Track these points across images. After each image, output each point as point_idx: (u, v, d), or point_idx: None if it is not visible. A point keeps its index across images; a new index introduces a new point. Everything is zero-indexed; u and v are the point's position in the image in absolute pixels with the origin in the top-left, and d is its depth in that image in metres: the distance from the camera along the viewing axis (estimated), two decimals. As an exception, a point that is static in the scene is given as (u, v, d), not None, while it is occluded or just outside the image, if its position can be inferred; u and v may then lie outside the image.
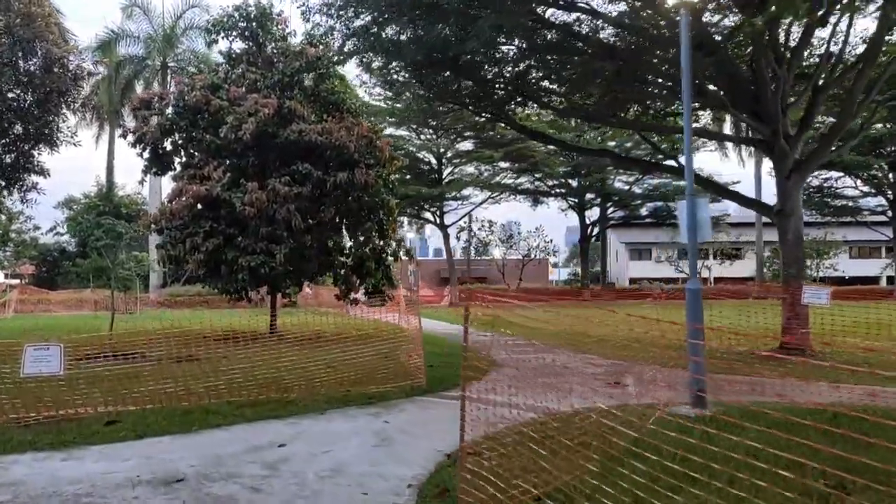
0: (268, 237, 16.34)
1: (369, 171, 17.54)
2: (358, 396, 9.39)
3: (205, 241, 15.95)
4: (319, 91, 19.06)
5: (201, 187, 15.98)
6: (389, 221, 18.74)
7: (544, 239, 54.28)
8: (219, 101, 17.22)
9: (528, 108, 16.73)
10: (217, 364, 10.34)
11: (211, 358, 10.76)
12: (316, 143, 16.93)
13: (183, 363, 10.24)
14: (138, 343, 12.31)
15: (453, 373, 11.30)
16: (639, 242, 70.99)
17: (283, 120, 17.56)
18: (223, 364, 10.38)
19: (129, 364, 10.33)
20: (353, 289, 17.64)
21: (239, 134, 16.45)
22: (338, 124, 17.62)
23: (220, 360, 10.64)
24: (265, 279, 16.51)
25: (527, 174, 47.27)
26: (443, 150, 45.27)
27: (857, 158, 42.81)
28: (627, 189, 50.66)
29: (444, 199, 46.63)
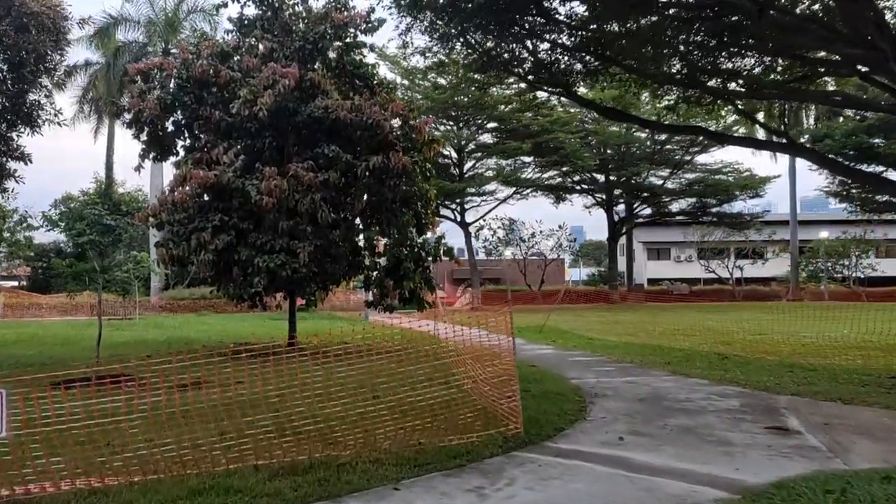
0: (289, 233, 13.60)
1: (405, 156, 14.82)
2: (436, 453, 6.59)
3: (213, 238, 13.21)
4: (345, 63, 16.29)
5: (209, 173, 13.23)
6: (428, 214, 15.99)
7: (567, 237, 51.36)
8: (229, 72, 14.51)
9: (599, 78, 13.87)
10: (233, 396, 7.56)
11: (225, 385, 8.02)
12: (345, 121, 14.21)
13: (188, 391, 7.48)
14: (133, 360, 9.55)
15: (537, 404, 8.53)
16: (658, 242, 68.15)
17: (304, 95, 14.84)
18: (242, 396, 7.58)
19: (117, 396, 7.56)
20: (388, 294, 14.88)
21: (254, 110, 13.74)
22: (368, 101, 14.88)
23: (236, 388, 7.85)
24: (286, 283, 13.76)
25: (554, 168, 44.40)
26: (464, 142, 42.44)
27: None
28: (661, 184, 47.77)
29: (466, 195, 43.82)
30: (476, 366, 9.24)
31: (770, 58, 13.59)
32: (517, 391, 7.37)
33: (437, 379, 8.68)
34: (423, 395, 7.60)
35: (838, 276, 54.26)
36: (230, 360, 13.70)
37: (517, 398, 7.31)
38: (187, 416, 6.89)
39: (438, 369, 9.15)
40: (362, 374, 7.98)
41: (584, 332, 20.26)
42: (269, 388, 7.56)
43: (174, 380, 8.55)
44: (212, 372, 11.24)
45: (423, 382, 7.99)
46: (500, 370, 8.20)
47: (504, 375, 7.81)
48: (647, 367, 12.45)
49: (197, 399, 7.33)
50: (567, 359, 14.00)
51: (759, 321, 23.99)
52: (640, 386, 10.24)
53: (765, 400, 9.03)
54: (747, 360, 13.03)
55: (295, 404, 7.36)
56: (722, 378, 10.75)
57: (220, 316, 28.27)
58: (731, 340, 16.64)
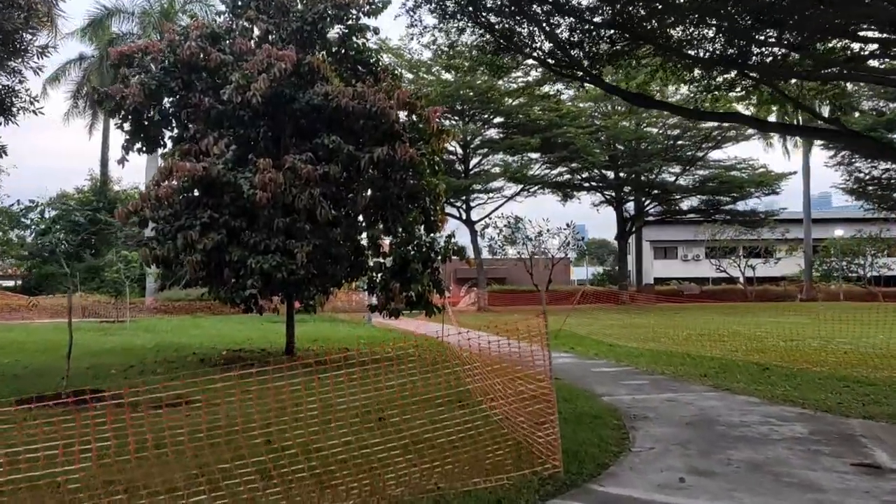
0: (285, 231, 12.37)
1: (412, 146, 13.60)
2: (459, 502, 5.34)
3: (202, 237, 11.97)
4: (347, 48, 15.06)
5: (197, 165, 11.98)
6: (437, 211, 14.75)
7: (574, 236, 49.96)
8: (220, 55, 13.29)
9: (625, 60, 12.59)
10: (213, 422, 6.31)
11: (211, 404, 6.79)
12: (347, 109, 12.99)
13: (163, 412, 6.23)
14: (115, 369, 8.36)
15: (572, 431, 7.26)
16: (665, 240, 66.89)
17: (302, 80, 13.61)
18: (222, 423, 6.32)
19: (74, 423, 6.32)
20: (394, 298, 13.62)
21: (247, 96, 12.54)
22: (372, 87, 13.64)
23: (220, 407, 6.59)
24: (281, 286, 12.51)
25: (562, 164, 43.07)
26: (469, 137, 41.13)
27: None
28: (674, 181, 46.42)
29: (471, 192, 42.52)
30: (499, 382, 7.99)
31: (818, 35, 12.33)
32: (555, 420, 6.10)
33: (455, 399, 7.47)
34: (439, 419, 6.36)
35: (853, 275, 52.93)
36: (220, 370, 12.47)
37: (555, 429, 6.04)
38: (154, 448, 5.63)
39: (455, 386, 7.90)
40: (366, 392, 6.71)
41: (603, 337, 19.00)
42: (254, 412, 6.31)
43: (148, 400, 7.36)
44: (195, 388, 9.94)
45: (438, 403, 6.75)
46: (530, 391, 6.93)
47: (537, 397, 6.54)
48: (683, 379, 11.19)
49: (171, 426, 6.06)
50: (591, 369, 12.75)
51: (783, 325, 22.77)
52: (683, 405, 8.98)
53: (834, 425, 7.77)
54: (791, 371, 11.76)
55: (285, 436, 6.12)
56: (773, 395, 9.48)
57: (217, 318, 27.07)
58: (763, 347, 15.38)
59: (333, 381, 6.54)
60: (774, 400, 9.21)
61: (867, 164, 44.93)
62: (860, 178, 46.32)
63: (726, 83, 14.38)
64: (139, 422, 5.91)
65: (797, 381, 10.62)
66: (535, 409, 6.59)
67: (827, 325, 19.04)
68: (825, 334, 17.41)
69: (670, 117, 42.64)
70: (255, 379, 6.81)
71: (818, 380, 10.76)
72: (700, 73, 14.33)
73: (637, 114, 43.27)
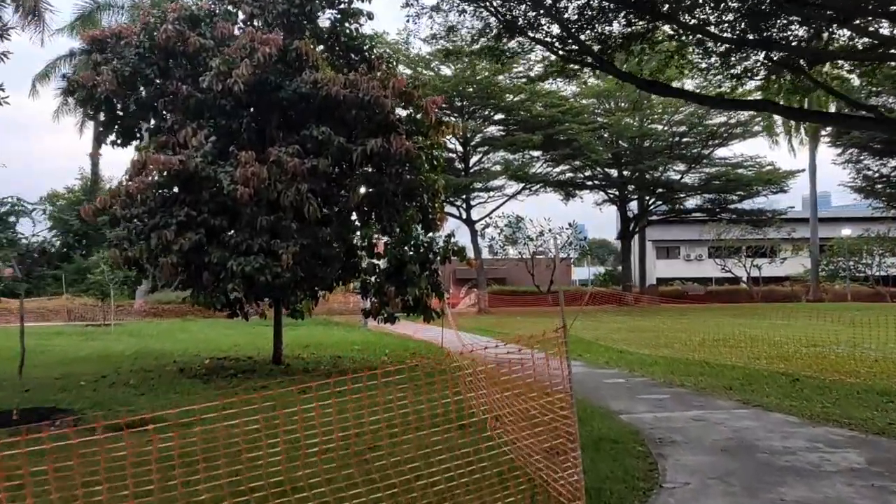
0: (270, 230, 11.33)
1: (409, 140, 12.60)
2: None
3: (178, 237, 10.94)
4: (339, 34, 14.04)
5: (172, 158, 10.94)
6: (436, 209, 13.73)
7: (577, 236, 49.07)
8: (200, 40, 12.25)
9: (638, 44, 11.56)
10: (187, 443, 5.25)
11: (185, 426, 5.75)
12: (337, 98, 11.96)
13: (122, 437, 5.19)
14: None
15: (592, 462, 6.23)
16: (667, 240, 65.87)
17: (289, 67, 12.60)
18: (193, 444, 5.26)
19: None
20: (389, 302, 12.60)
21: (228, 84, 11.51)
22: (366, 76, 12.61)
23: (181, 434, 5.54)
24: (266, 289, 11.48)
25: (565, 162, 42.01)
26: (470, 134, 40.09)
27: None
28: (679, 179, 45.37)
29: (472, 191, 41.47)
30: (506, 400, 6.92)
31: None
32: (578, 459, 5.07)
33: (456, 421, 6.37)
34: (438, 449, 5.32)
35: (860, 275, 51.91)
36: (201, 382, 11.39)
37: (578, 468, 5.01)
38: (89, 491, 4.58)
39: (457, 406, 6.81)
40: (356, 411, 5.64)
41: (611, 342, 17.95)
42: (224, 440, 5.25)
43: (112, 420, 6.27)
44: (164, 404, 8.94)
45: (436, 425, 5.70)
46: (545, 412, 5.88)
47: (554, 422, 5.48)
48: (707, 393, 10.15)
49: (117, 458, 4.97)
50: (603, 380, 11.71)
51: (798, 328, 21.72)
52: (713, 425, 7.94)
53: (893, 450, 6.73)
54: (824, 383, 10.72)
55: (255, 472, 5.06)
56: (813, 414, 8.44)
57: (207, 322, 26.01)
58: (786, 354, 14.33)
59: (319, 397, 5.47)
60: (815, 419, 8.17)
61: (876, 161, 43.96)
62: (869, 175, 45.34)
63: (746, 71, 13.35)
64: (90, 449, 4.84)
65: (834, 396, 9.58)
66: (550, 434, 5.55)
67: (845, 329, 18.02)
68: (846, 339, 16.36)
69: (675, 113, 41.60)
70: (235, 394, 5.78)
71: (857, 394, 9.72)
72: (718, 59, 13.32)
73: (641, 110, 42.26)
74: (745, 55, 13.00)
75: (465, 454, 5.36)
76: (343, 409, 5.23)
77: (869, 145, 41.10)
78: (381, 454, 5.55)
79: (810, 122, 30.52)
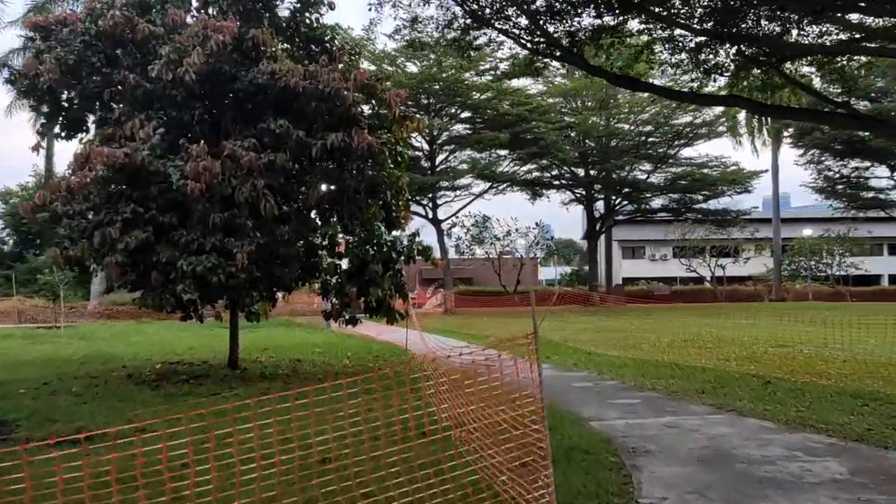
0: (223, 228, 10.74)
1: (372, 134, 12.13)
2: None
3: (124, 235, 10.30)
4: (299, 24, 13.47)
5: (117, 151, 10.30)
6: (400, 207, 13.25)
7: (543, 236, 48.91)
8: (149, 27, 11.58)
9: (608, 38, 11.21)
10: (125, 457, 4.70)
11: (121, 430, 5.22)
12: (296, 90, 11.41)
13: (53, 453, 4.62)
14: None
15: (562, 475, 5.82)
16: (632, 240, 66.24)
17: (245, 57, 12.02)
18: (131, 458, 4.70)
19: None
20: (350, 303, 12.09)
21: (179, 73, 10.91)
22: (327, 67, 12.08)
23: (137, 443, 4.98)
24: (219, 290, 10.89)
25: (532, 161, 41.71)
26: (436, 132, 39.58)
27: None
28: (645, 178, 45.40)
29: (438, 190, 40.97)
30: (472, 406, 6.46)
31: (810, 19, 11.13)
32: (550, 474, 4.63)
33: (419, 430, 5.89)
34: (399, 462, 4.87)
35: (821, 274, 52.62)
36: (149, 389, 10.75)
37: (551, 490, 4.57)
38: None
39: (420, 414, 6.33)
40: (303, 422, 5.14)
41: (579, 343, 17.63)
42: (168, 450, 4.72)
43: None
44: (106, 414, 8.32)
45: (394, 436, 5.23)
46: (512, 420, 5.44)
47: (525, 435, 5.04)
48: (679, 397, 9.82)
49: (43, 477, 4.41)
50: (572, 384, 11.33)
51: (763, 328, 21.66)
52: (688, 433, 7.59)
53: (874, 460, 6.43)
54: (796, 385, 10.47)
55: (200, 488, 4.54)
56: (788, 419, 8.14)
57: (163, 324, 25.08)
58: (755, 355, 14.14)
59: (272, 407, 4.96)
60: (791, 425, 7.87)
61: (837, 162, 44.53)
62: (829, 176, 45.92)
63: (716, 67, 13.10)
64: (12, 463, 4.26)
65: (807, 399, 9.33)
66: (519, 447, 5.11)
67: (810, 329, 17.98)
68: (812, 339, 16.28)
69: (642, 113, 41.63)
70: (184, 402, 5.23)
71: (830, 396, 9.48)
72: (687, 56, 13.05)
73: (608, 109, 42.19)
74: (715, 51, 12.75)
75: (426, 470, 4.91)
76: (291, 422, 4.74)
77: (830, 146, 41.60)
78: (329, 469, 5.08)
79: (781, 117, 30.55)
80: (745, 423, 8.05)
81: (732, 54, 12.56)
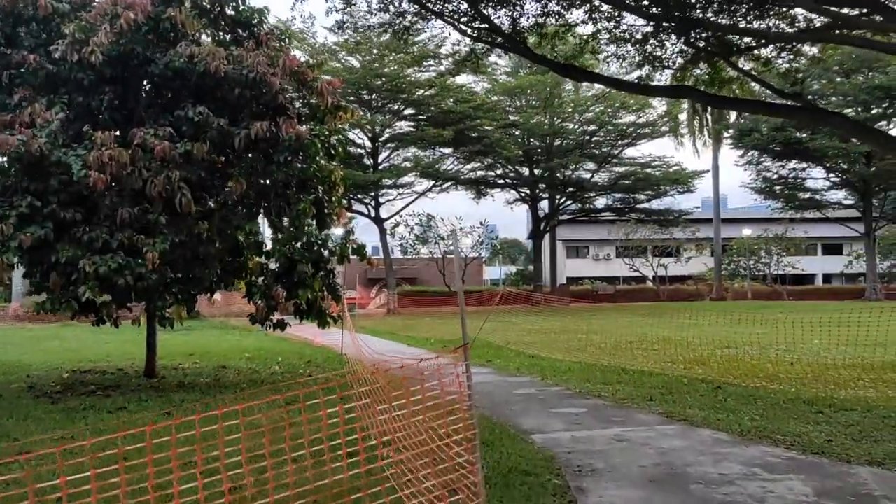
0: (132, 225, 9.75)
1: (302, 125, 11.31)
2: None
3: (18, 231, 9.22)
4: (223, 5, 12.49)
5: (11, 138, 9.22)
6: (333, 203, 12.41)
7: (488, 235, 48.47)
8: (53, 3, 10.52)
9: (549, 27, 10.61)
10: None
11: None
12: (218, 75, 10.50)
13: None
14: None
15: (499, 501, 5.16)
16: (576, 240, 66.51)
17: (162, 39, 11.03)
18: None
19: None
20: (278, 306, 11.22)
21: (85, 53, 9.90)
22: (253, 52, 11.20)
23: None
24: (127, 293, 9.89)
25: (476, 159, 41.12)
26: (378, 128, 38.62)
27: (836, 144, 38.77)
28: (590, 178, 45.30)
29: (381, 188, 40.04)
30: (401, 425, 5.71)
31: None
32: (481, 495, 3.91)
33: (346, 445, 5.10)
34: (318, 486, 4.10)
35: (759, 273, 53.53)
36: (48, 402, 9.67)
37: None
38: None
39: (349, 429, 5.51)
40: (208, 441, 4.34)
41: (522, 346, 17.03)
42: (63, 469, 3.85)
43: None
44: None
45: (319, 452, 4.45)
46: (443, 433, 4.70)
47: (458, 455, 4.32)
48: (627, 405, 9.25)
49: None
50: (514, 391, 10.69)
51: (706, 328, 21.45)
52: (637, 447, 6.99)
53: (839, 477, 5.92)
54: (747, 391, 10.04)
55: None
56: (743, 429, 7.62)
57: (88, 328, 23.53)
58: (701, 358, 13.74)
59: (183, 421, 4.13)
60: (747, 436, 7.35)
61: (775, 163, 45.23)
62: (768, 177, 46.63)
63: (662, 60, 12.66)
64: None
65: (760, 406, 8.87)
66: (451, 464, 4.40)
67: (753, 328, 17.76)
68: (757, 339, 16.04)
69: (586, 112, 41.50)
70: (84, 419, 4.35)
71: (783, 403, 9.05)
72: (633, 48, 12.58)
73: (552, 108, 41.92)
74: (661, 43, 12.30)
75: (344, 496, 4.16)
76: (198, 441, 3.95)
77: (769, 147, 42.17)
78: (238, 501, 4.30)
79: (732, 109, 30.60)
80: (697, 434, 7.50)
81: (681, 46, 12.12)
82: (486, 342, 17.64)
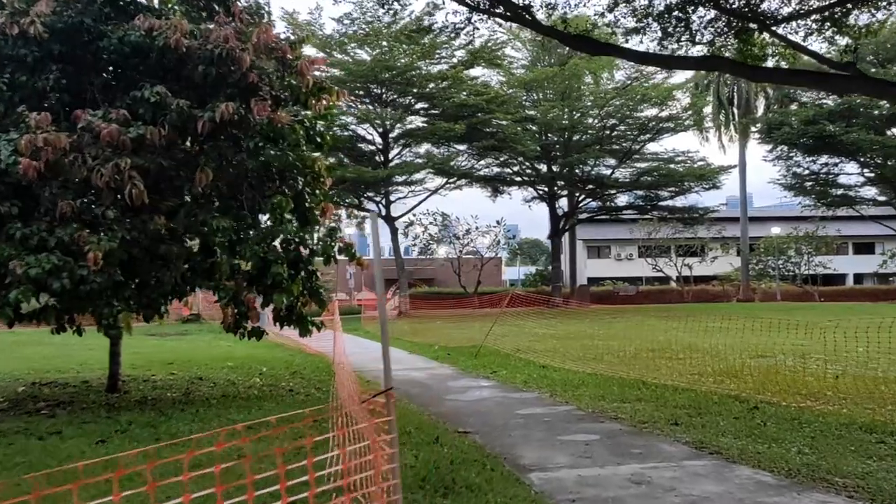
0: (76, 219, 8.49)
1: (282, 108, 10.05)
2: None
3: (-61, 227, 8.01)
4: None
5: (-69, 120, 8.02)
6: (316, 196, 11.08)
7: (505, 234, 46.95)
8: (-9, -30, 9.28)
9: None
10: None
11: None
12: (180, 51, 9.24)
13: None
14: None
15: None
16: (597, 239, 64.72)
17: (118, 10, 9.80)
18: None
19: None
20: (248, 313, 9.92)
21: (24, 25, 8.68)
22: (221, 26, 9.93)
23: None
24: (66, 298, 8.63)
25: (490, 154, 39.56)
26: (388, 123, 37.23)
27: (870, 137, 36.81)
28: (610, 174, 43.61)
29: (392, 185, 38.68)
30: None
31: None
32: None
33: None
34: None
35: (789, 274, 51.48)
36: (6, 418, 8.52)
37: None
38: None
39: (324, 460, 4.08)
40: None
41: (533, 354, 15.59)
42: None
43: None
44: None
45: None
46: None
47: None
48: (647, 431, 7.80)
49: None
50: (517, 411, 9.26)
51: (736, 333, 19.83)
52: (660, 492, 5.55)
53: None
54: (789, 412, 8.54)
55: None
56: (791, 466, 6.15)
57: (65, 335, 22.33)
58: (732, 368, 12.23)
59: None
60: (796, 476, 5.88)
61: (806, 158, 43.31)
62: (798, 172, 44.71)
63: (689, 34, 11.19)
64: None
65: (808, 434, 7.38)
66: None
67: (788, 334, 16.14)
68: (792, 347, 14.49)
69: (606, 105, 39.77)
70: None
71: (835, 430, 7.54)
72: (654, 21, 11.12)
73: (570, 101, 40.32)
74: (687, 16, 10.84)
75: None
76: None
77: (800, 142, 40.26)
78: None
79: (773, 82, 28.74)
80: (734, 474, 6.04)
81: (709, 18, 10.64)
82: (493, 350, 16.24)
